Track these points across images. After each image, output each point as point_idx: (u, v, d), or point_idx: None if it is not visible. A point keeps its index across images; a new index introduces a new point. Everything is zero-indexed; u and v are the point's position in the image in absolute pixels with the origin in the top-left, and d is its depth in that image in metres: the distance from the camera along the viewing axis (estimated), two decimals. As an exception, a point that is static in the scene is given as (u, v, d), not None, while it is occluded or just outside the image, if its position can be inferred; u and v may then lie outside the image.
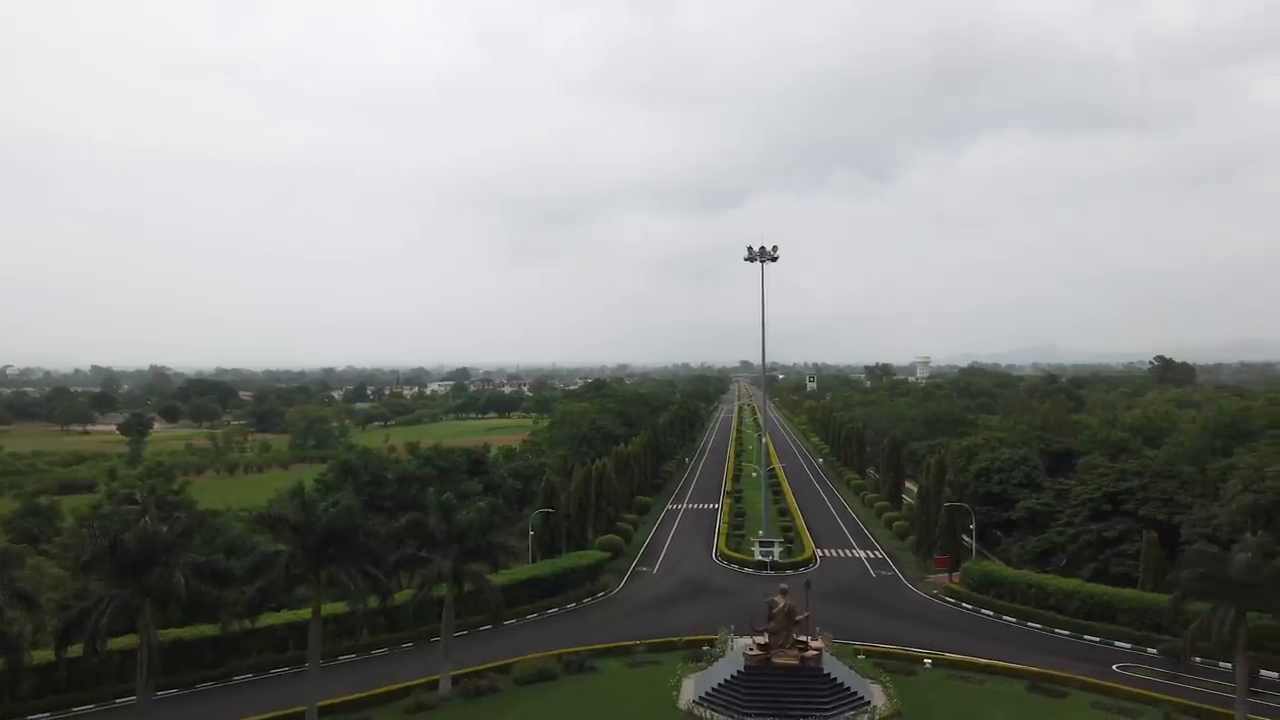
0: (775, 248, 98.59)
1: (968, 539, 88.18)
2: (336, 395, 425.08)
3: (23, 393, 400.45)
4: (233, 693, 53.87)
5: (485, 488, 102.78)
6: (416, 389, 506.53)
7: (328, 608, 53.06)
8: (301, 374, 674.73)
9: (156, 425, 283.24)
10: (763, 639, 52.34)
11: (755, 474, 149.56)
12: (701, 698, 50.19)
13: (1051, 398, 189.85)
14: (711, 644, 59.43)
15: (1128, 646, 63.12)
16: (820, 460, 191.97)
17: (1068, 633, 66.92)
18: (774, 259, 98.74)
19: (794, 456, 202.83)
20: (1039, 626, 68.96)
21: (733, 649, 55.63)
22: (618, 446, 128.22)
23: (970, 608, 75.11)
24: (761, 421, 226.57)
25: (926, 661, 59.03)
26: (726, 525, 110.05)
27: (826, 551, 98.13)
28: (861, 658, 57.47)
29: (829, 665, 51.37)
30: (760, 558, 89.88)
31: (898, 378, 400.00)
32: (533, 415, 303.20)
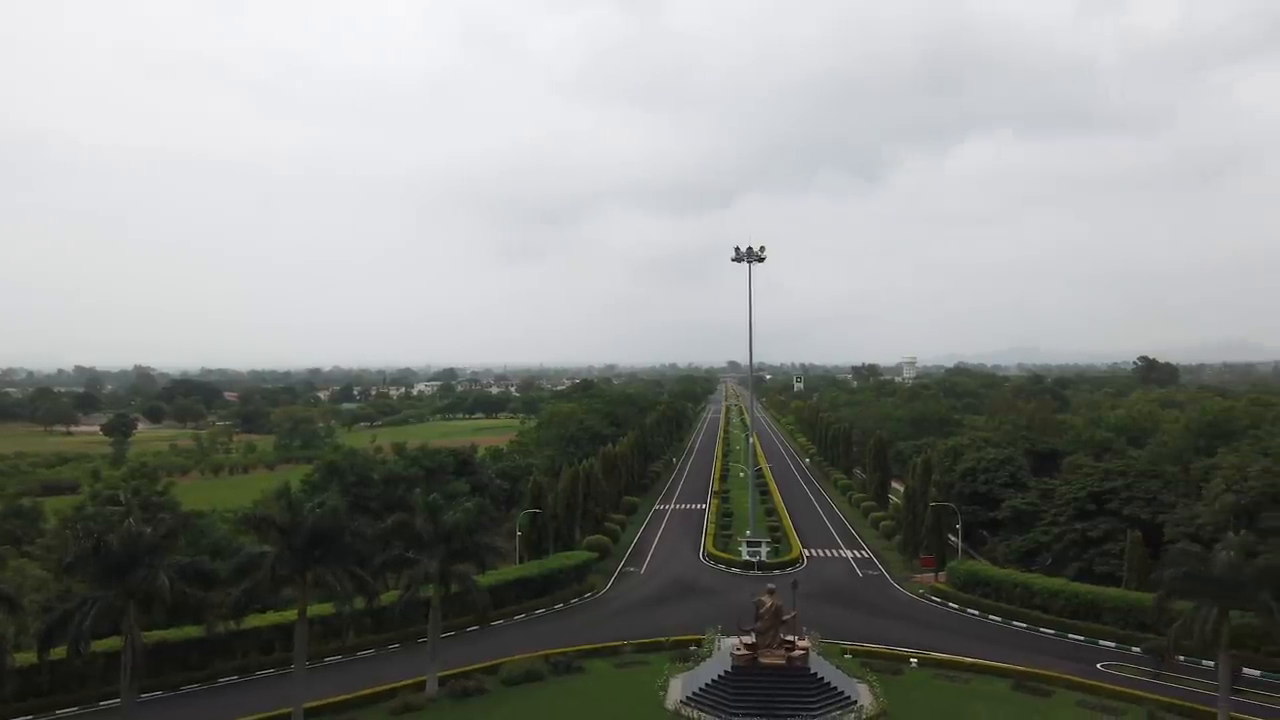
0: (762, 248, 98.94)
1: (954, 539, 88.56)
2: (322, 396, 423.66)
3: (5, 393, 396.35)
4: (218, 695, 53.56)
5: (472, 488, 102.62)
6: (403, 389, 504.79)
7: (314, 609, 52.84)
8: (287, 374, 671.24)
9: (140, 426, 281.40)
10: (750, 639, 52.45)
11: (743, 474, 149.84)
12: (689, 698, 50.25)
13: (1036, 398, 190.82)
14: (699, 644, 59.53)
15: (1112, 645, 63.54)
16: (807, 460, 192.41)
17: (1053, 632, 67.32)
18: (761, 259, 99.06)
19: (781, 457, 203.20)
20: (1024, 626, 69.35)
21: (720, 649, 55.71)
22: (605, 447, 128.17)
23: (956, 607, 75.44)
24: (749, 422, 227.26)
25: (913, 661, 59.27)
26: (714, 525, 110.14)
27: (813, 551, 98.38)
28: (848, 657, 57.65)
29: (816, 665, 51.52)
30: (747, 558, 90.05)
31: (884, 378, 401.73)
32: (520, 416, 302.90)
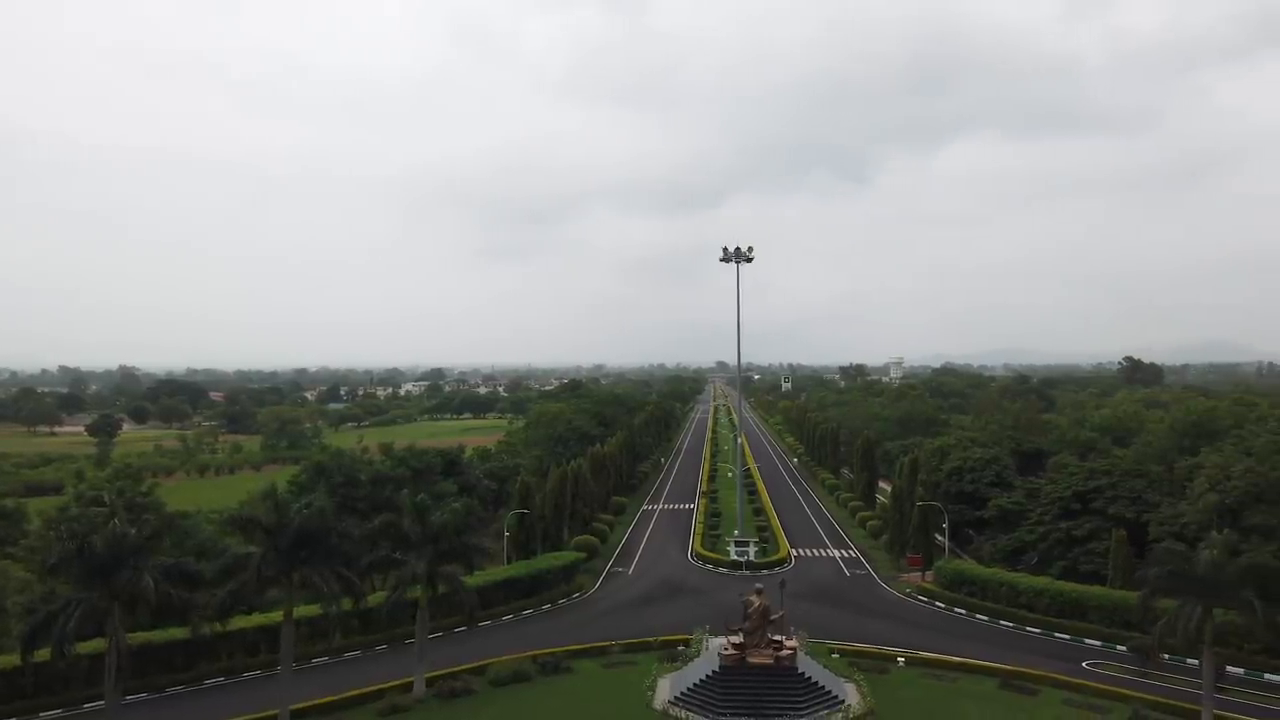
0: (750, 249, 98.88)
1: (940, 538, 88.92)
2: (309, 396, 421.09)
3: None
4: (203, 697, 53.23)
5: (460, 489, 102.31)
6: (390, 390, 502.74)
7: (300, 610, 52.55)
8: (274, 374, 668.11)
9: (125, 426, 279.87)
10: (738, 638, 52.46)
11: (731, 474, 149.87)
12: (677, 698, 50.23)
13: (1022, 398, 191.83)
14: (687, 644, 59.48)
15: (1097, 644, 63.89)
16: (795, 460, 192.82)
17: (1039, 630, 67.66)
18: (749, 260, 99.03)
19: (769, 457, 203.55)
20: (1010, 624, 69.67)
21: (708, 649, 55.71)
22: (593, 447, 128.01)
23: (943, 606, 75.74)
24: (737, 421, 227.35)
25: (900, 660, 59.44)
26: (702, 525, 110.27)
27: (801, 551, 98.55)
28: (836, 656, 57.71)
29: (803, 664, 51.59)
30: (735, 557, 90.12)
31: (872, 378, 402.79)
32: (508, 416, 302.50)
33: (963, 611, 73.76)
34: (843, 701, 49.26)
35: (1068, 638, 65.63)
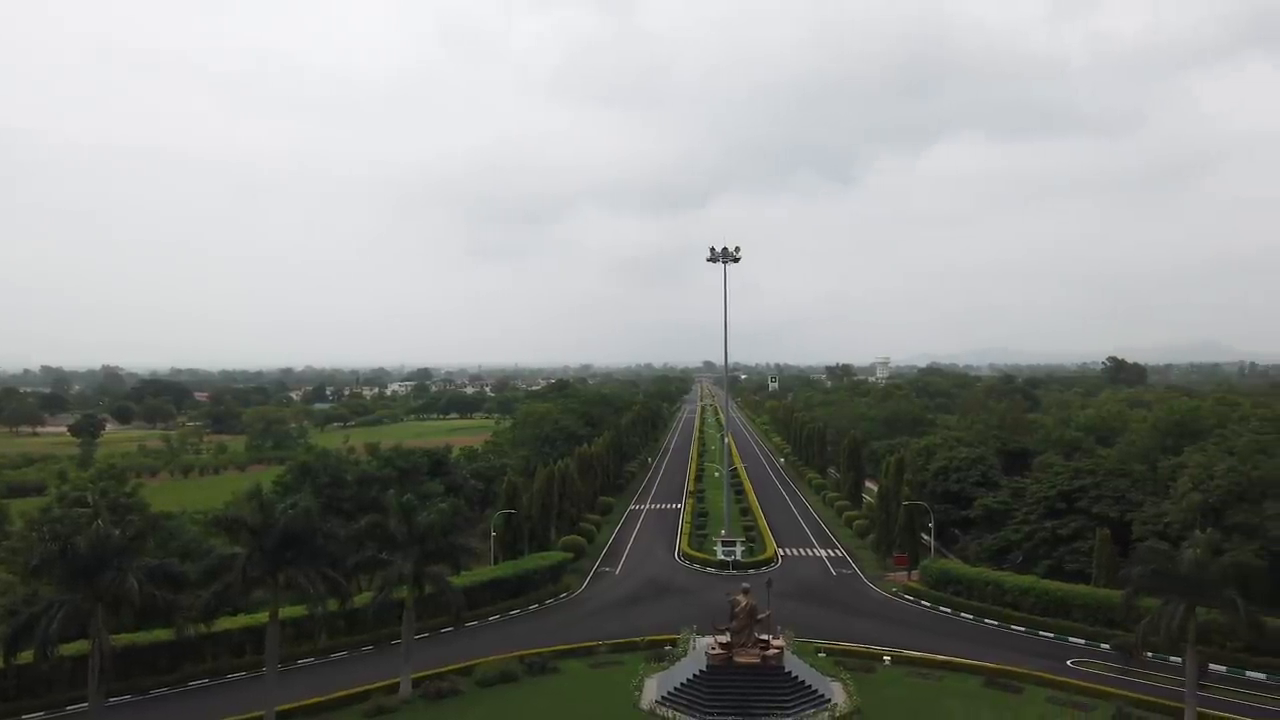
0: (737, 249, 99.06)
1: (926, 537, 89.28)
2: (295, 396, 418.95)
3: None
4: (188, 698, 52.95)
5: (447, 489, 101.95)
6: (377, 390, 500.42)
7: (286, 611, 52.34)
8: (259, 374, 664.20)
9: (109, 426, 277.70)
10: (725, 638, 52.56)
11: (718, 474, 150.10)
12: (664, 697, 50.27)
13: (1008, 398, 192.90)
14: (674, 644, 59.51)
15: (1081, 642, 64.32)
16: (782, 460, 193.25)
17: (1023, 629, 68.06)
18: (736, 260, 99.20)
19: (756, 456, 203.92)
20: (995, 623, 70.05)
21: (695, 648, 55.76)
22: (580, 447, 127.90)
23: (929, 605, 76.08)
24: (724, 421, 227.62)
25: (886, 659, 59.68)
26: (689, 525, 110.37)
27: (788, 550, 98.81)
28: (822, 655, 57.85)
29: (790, 664, 51.73)
30: (722, 557, 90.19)
31: (858, 378, 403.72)
32: (495, 416, 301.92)
33: (948, 610, 74.11)
34: (829, 700, 49.42)
35: (1052, 636, 66.04)
